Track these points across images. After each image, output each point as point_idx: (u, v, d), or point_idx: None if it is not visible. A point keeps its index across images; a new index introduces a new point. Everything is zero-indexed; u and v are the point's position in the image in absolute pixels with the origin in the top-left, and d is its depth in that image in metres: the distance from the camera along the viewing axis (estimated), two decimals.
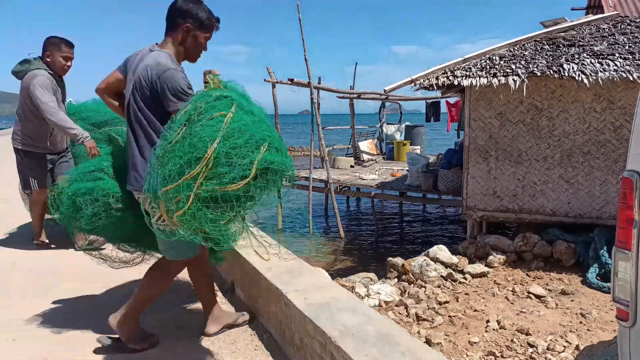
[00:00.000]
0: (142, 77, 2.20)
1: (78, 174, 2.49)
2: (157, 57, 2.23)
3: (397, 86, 7.00)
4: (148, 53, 2.28)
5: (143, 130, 2.22)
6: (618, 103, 6.29)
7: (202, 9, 2.30)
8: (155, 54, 2.25)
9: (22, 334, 2.63)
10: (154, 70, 2.17)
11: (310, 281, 2.56)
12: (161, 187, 1.84)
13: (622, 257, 1.97)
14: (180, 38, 2.29)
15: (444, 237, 9.65)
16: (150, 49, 2.31)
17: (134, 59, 2.31)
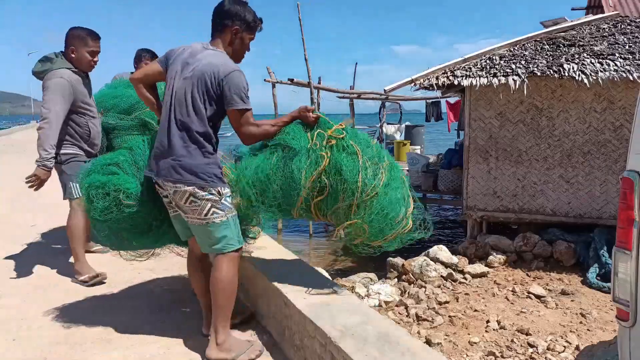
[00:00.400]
0: (207, 74, 2.20)
1: (95, 166, 2.50)
2: (222, 57, 2.27)
3: (397, 86, 7.00)
4: (203, 51, 2.28)
5: (196, 126, 2.22)
6: (618, 103, 6.29)
7: (248, 11, 2.34)
8: (218, 53, 2.29)
9: (22, 334, 2.62)
10: (221, 69, 2.20)
11: (310, 280, 2.56)
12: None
13: (622, 257, 1.97)
14: (229, 40, 2.33)
15: (444, 237, 9.64)
16: (204, 46, 2.32)
17: (182, 54, 2.30)
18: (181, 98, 2.23)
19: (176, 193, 2.23)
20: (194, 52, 2.29)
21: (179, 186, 2.21)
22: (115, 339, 2.56)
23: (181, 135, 2.22)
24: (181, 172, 2.20)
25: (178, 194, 2.22)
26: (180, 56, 2.30)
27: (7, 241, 4.46)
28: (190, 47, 2.33)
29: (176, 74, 2.27)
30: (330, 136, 2.33)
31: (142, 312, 2.92)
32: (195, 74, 2.21)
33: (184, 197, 2.22)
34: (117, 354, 2.41)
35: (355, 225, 2.26)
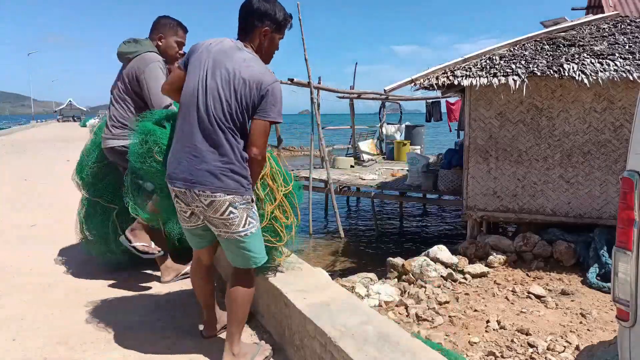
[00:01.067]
0: (250, 82, 2.05)
1: (153, 115, 2.52)
2: (260, 63, 2.15)
3: (397, 86, 7.00)
4: (238, 51, 2.11)
5: (233, 128, 2.07)
6: (618, 103, 6.29)
7: (279, 9, 2.18)
8: (256, 58, 2.15)
9: (22, 334, 2.62)
10: (265, 78, 2.07)
11: (310, 281, 2.56)
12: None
13: (622, 257, 1.97)
14: (259, 42, 2.18)
15: (444, 237, 9.64)
16: (238, 46, 2.14)
17: (211, 47, 2.11)
18: (216, 97, 2.05)
19: (212, 204, 2.05)
20: (227, 50, 2.11)
21: (218, 195, 2.04)
22: (115, 339, 2.56)
23: (219, 137, 2.04)
24: (223, 178, 2.04)
25: (214, 205, 2.05)
26: (209, 48, 2.11)
27: (7, 241, 4.46)
28: (222, 42, 2.15)
29: (206, 69, 2.08)
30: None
31: (142, 312, 2.92)
32: (237, 78, 2.04)
33: (221, 208, 2.05)
34: (117, 354, 2.41)
35: None
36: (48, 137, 24.89)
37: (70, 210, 5.94)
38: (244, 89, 2.05)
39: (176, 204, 2.17)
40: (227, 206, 2.05)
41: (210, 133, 2.04)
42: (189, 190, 2.06)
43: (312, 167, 9.78)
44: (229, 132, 2.05)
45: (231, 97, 2.04)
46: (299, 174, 10.20)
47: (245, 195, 2.10)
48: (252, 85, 2.05)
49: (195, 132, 2.06)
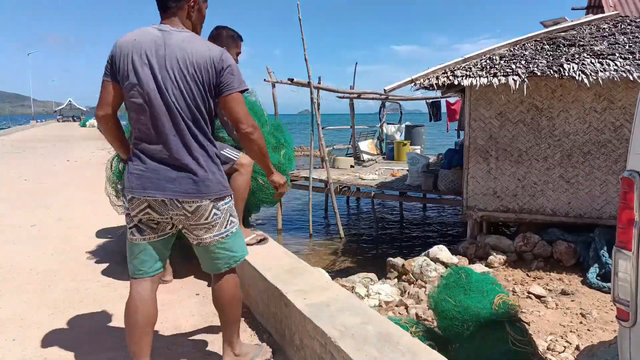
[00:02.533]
0: (203, 64, 1.88)
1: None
2: (199, 39, 1.96)
3: (397, 86, 7.00)
4: (169, 34, 1.90)
5: (203, 126, 1.95)
6: (618, 103, 6.29)
7: None
8: (192, 36, 1.94)
9: (22, 334, 2.62)
10: (213, 54, 1.91)
11: (310, 281, 2.56)
12: None
13: (622, 257, 1.97)
14: (186, 15, 1.98)
15: (444, 237, 9.65)
16: (167, 29, 1.92)
17: (137, 45, 1.87)
18: (177, 93, 1.88)
19: (197, 211, 1.93)
20: (158, 38, 1.89)
21: (204, 202, 1.93)
22: (115, 339, 2.56)
23: (191, 140, 1.91)
24: (208, 183, 1.93)
25: (200, 210, 1.94)
26: (137, 44, 1.87)
27: (7, 241, 4.46)
28: (149, 33, 1.91)
29: (150, 66, 1.86)
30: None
31: None
32: (188, 63, 1.87)
33: (206, 212, 1.95)
34: (117, 354, 2.41)
35: None
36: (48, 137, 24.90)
37: (70, 210, 5.96)
38: (201, 72, 1.89)
39: (141, 216, 1.93)
40: (211, 209, 1.96)
41: (182, 134, 1.90)
42: (174, 196, 1.90)
43: (312, 167, 9.78)
44: (200, 128, 1.94)
45: (192, 87, 1.89)
46: (299, 174, 10.21)
47: (228, 194, 2.03)
48: (206, 65, 1.89)
49: (163, 137, 1.89)
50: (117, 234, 4.67)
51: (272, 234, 7.91)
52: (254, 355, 2.28)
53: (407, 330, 2.86)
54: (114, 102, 1.93)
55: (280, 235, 9.69)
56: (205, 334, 2.64)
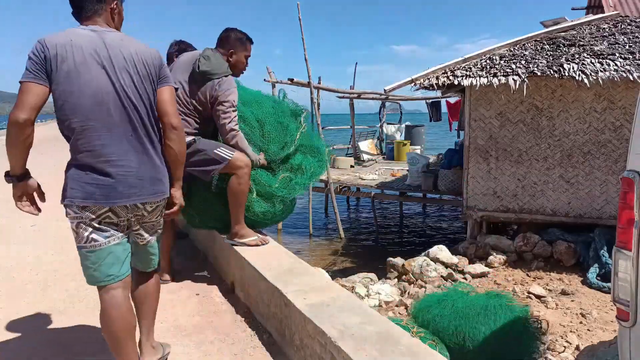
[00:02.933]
0: (147, 62, 1.92)
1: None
2: (131, 37, 1.97)
3: (397, 86, 7.00)
4: (104, 34, 1.87)
5: (154, 124, 1.98)
6: (618, 103, 6.29)
7: None
8: (124, 35, 1.95)
9: (22, 334, 2.62)
10: (151, 51, 1.96)
11: (310, 281, 2.56)
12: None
13: (622, 257, 1.97)
14: (109, 17, 1.96)
15: (444, 237, 9.65)
16: (100, 30, 1.89)
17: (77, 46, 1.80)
18: (134, 93, 1.89)
19: (156, 209, 2.01)
20: (92, 39, 1.84)
21: (162, 202, 2.02)
22: None
23: (149, 138, 1.94)
24: (165, 181, 2.00)
25: (156, 210, 2.01)
26: (77, 48, 1.81)
27: (8, 241, 4.46)
28: (74, 33, 1.84)
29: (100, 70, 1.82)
30: None
31: None
32: (134, 64, 1.88)
33: (158, 211, 2.03)
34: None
35: None
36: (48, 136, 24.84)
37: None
38: (149, 68, 1.92)
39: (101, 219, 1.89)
40: (163, 207, 2.05)
41: (139, 133, 1.90)
42: (140, 199, 1.91)
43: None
44: (153, 126, 1.96)
45: (145, 85, 1.91)
46: None
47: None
48: (152, 61, 1.94)
49: (119, 138, 1.86)
50: None
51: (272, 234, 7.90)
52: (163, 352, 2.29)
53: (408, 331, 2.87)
54: (39, 105, 1.78)
55: (280, 235, 9.69)
56: (205, 334, 2.64)
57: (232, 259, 3.20)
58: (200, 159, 3.00)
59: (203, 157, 3.00)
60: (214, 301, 3.09)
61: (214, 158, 2.99)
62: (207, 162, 3.00)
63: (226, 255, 3.35)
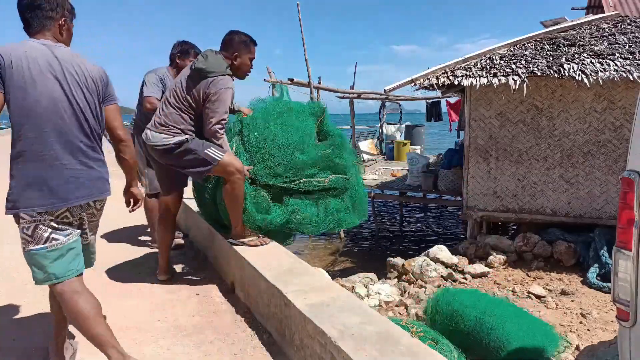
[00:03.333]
0: (94, 77, 2.09)
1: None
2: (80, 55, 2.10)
3: (397, 86, 7.00)
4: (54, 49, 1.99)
5: (98, 130, 2.13)
6: (618, 103, 6.29)
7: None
8: (70, 50, 2.08)
9: (22, 334, 2.62)
10: (99, 69, 2.14)
11: (310, 281, 2.56)
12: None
13: (622, 257, 1.97)
14: (58, 33, 2.08)
15: (444, 237, 9.64)
16: (52, 44, 2.01)
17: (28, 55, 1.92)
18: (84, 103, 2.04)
19: (102, 208, 2.22)
20: (44, 52, 1.96)
21: (106, 200, 2.21)
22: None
23: (95, 144, 2.11)
24: (109, 181, 2.19)
25: (103, 208, 2.22)
26: (32, 59, 1.92)
27: (7, 241, 4.46)
28: (28, 46, 1.95)
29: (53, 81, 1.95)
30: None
31: (142, 312, 2.92)
32: (85, 78, 2.04)
33: (103, 208, 2.22)
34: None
35: None
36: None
37: None
38: (96, 84, 2.09)
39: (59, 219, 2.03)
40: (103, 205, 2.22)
41: (88, 141, 2.07)
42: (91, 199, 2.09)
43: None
44: (99, 134, 2.14)
45: (93, 97, 2.08)
46: None
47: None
48: (101, 77, 2.12)
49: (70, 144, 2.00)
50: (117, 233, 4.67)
51: None
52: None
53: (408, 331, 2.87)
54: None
55: None
56: (205, 334, 2.64)
57: (232, 259, 3.20)
58: (191, 159, 3.01)
59: (194, 157, 3.00)
60: (214, 301, 3.09)
61: (204, 159, 2.99)
62: (198, 162, 3.00)
63: (226, 255, 3.35)
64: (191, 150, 3.00)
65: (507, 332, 3.24)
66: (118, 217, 5.35)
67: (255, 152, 3.24)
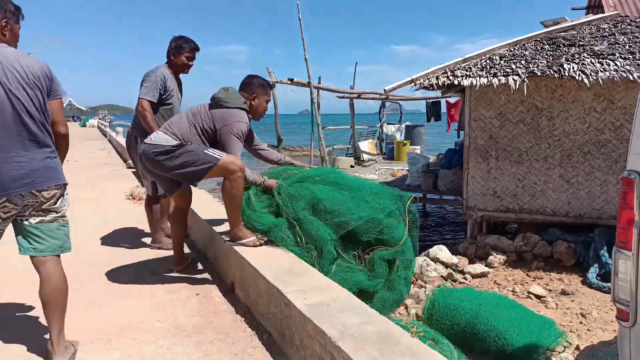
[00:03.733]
0: (38, 73, 2.17)
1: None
2: (24, 53, 2.23)
3: (397, 86, 7.00)
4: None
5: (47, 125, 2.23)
6: (618, 103, 6.29)
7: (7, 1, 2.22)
8: (14, 49, 2.22)
9: (22, 334, 2.62)
10: (41, 64, 2.21)
11: (310, 281, 2.56)
12: None
13: (622, 257, 1.97)
14: (1, 34, 2.20)
15: (444, 237, 9.64)
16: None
17: None
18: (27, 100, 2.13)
19: (54, 196, 2.26)
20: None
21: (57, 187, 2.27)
22: (114, 339, 2.56)
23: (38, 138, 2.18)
24: (59, 170, 2.27)
25: (56, 194, 2.27)
26: None
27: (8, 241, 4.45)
28: None
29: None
30: None
31: (142, 312, 2.92)
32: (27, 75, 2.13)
33: (57, 195, 2.27)
34: (117, 354, 2.41)
35: None
36: None
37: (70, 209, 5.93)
38: (40, 80, 2.18)
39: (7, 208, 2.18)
40: (59, 196, 2.30)
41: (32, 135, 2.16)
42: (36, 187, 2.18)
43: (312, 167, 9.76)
44: (47, 128, 2.22)
45: (37, 93, 2.17)
46: None
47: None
48: (41, 75, 2.19)
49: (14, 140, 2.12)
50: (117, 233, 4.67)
51: None
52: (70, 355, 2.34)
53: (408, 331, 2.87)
54: None
55: None
56: (205, 334, 2.64)
57: (232, 259, 3.20)
58: (189, 159, 3.01)
59: (192, 157, 3.00)
60: (214, 301, 3.09)
61: (203, 157, 2.99)
62: (197, 160, 3.00)
63: (226, 255, 3.35)
64: (190, 150, 3.02)
65: (504, 321, 3.24)
66: (118, 217, 5.35)
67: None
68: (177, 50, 3.96)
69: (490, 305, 3.38)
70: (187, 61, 4.00)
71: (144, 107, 3.76)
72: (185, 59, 3.97)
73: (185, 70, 4.06)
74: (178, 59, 3.95)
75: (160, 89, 3.85)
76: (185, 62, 3.99)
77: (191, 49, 3.99)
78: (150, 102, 3.80)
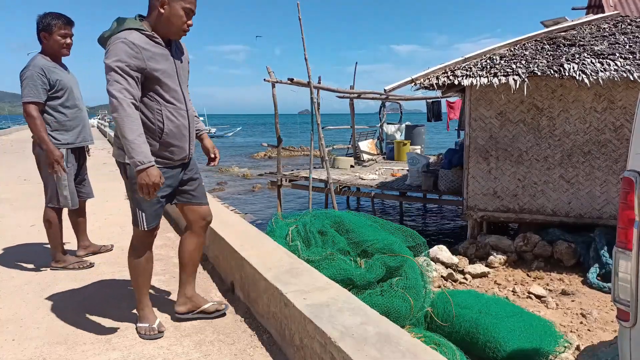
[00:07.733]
0: None
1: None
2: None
3: (397, 86, 7.00)
4: None
5: None
6: (618, 103, 6.28)
7: None
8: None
9: (22, 334, 2.62)
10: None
11: (310, 281, 2.55)
12: None
13: (622, 257, 1.97)
14: None
15: (444, 237, 9.64)
16: None
17: None
18: None
19: None
20: None
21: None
22: (114, 339, 2.56)
23: None
24: None
25: None
26: None
27: (7, 241, 4.45)
28: None
29: None
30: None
31: None
32: None
33: None
34: (117, 354, 2.41)
35: None
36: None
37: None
38: None
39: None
40: None
41: None
42: None
43: (312, 167, 9.77)
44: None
45: None
46: (299, 174, 10.19)
47: None
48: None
49: None
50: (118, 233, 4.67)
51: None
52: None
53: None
54: None
55: None
56: (205, 334, 2.64)
57: (232, 259, 3.20)
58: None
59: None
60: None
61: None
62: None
63: (226, 255, 3.34)
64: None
65: (504, 331, 3.24)
66: (118, 217, 5.35)
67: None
68: (46, 31, 3.30)
69: (490, 316, 3.36)
70: (62, 39, 3.34)
71: (29, 112, 3.18)
72: (59, 37, 3.32)
73: (65, 51, 3.41)
74: (51, 40, 3.31)
75: (43, 84, 3.24)
76: (61, 40, 3.33)
77: (64, 24, 3.34)
78: (37, 103, 3.22)
